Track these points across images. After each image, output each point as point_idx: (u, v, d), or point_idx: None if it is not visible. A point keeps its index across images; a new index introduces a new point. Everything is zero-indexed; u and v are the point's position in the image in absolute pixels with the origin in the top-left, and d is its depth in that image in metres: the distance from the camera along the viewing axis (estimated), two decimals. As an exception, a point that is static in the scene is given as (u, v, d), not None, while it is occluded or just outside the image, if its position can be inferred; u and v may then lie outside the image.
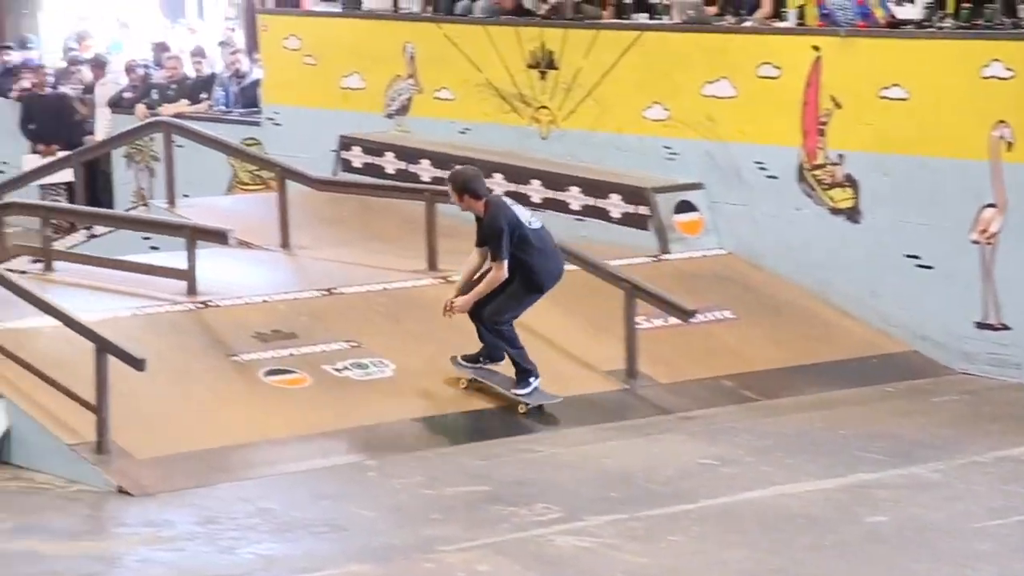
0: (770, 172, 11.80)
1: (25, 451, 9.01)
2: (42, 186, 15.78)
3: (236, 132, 14.83)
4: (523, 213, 9.75)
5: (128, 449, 8.76)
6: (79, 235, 12.93)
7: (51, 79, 17.03)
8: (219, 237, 10.81)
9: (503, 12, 13.53)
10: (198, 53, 16.50)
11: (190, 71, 16.42)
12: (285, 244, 12.09)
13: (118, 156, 16.05)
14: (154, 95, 16.30)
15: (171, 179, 13.16)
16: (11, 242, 11.88)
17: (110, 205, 15.82)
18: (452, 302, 9.68)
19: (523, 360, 9.75)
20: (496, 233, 9.52)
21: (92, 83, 16.88)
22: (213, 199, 14.19)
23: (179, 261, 10.69)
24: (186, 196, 13.48)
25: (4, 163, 17.13)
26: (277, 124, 14.92)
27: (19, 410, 9.01)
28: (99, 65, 16.84)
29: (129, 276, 10.84)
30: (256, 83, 15.65)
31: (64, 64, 17.56)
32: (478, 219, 9.69)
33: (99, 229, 12.74)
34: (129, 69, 16.81)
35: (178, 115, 15.21)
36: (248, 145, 14.59)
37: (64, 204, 14.99)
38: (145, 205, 14.74)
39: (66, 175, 15.05)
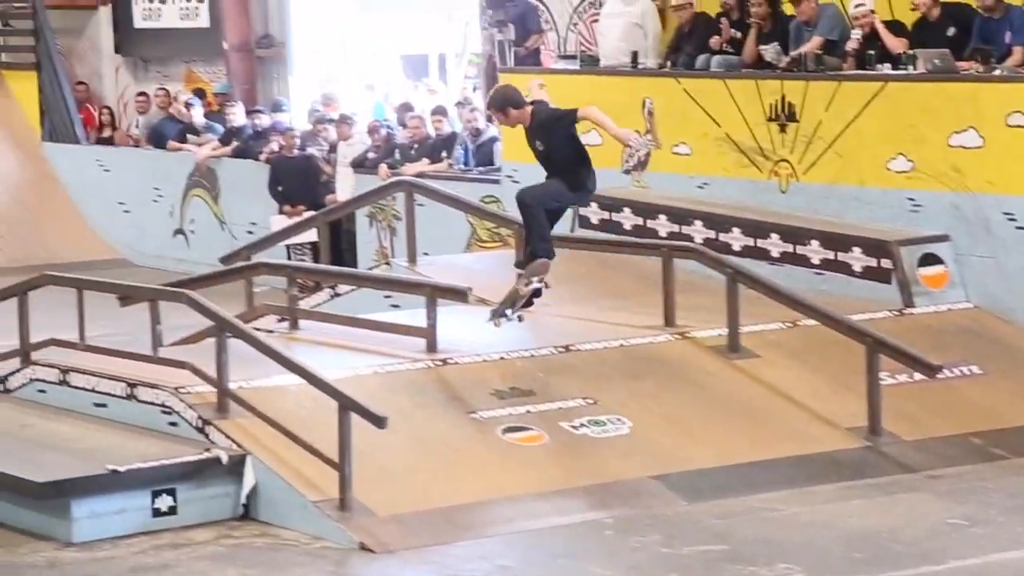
0: (1020, 224, 11.48)
1: (271, 508, 9.18)
2: (288, 246, 16.15)
3: (475, 190, 14.98)
4: None
5: (370, 506, 8.86)
6: (323, 294, 13.15)
7: (298, 141, 17.44)
8: (459, 295, 10.91)
9: (743, 66, 13.45)
10: (439, 112, 16.74)
11: (431, 131, 16.65)
12: (523, 301, 12.12)
13: (361, 215, 16.34)
14: (396, 155, 16.57)
15: (412, 238, 13.33)
16: (259, 301, 12.15)
17: (353, 264, 16.10)
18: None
19: (544, 241, 10.25)
20: (551, 111, 10.14)
21: (336, 143, 17.23)
22: (452, 257, 14.34)
23: (419, 319, 10.80)
24: (426, 254, 13.65)
25: (253, 224, 17.58)
26: (516, 181, 15.01)
27: (265, 467, 9.19)
28: (345, 125, 17.19)
29: (371, 334, 10.99)
30: (493, 141, 15.80)
31: (310, 126, 17.97)
32: (531, 127, 10.16)
33: (342, 288, 12.95)
34: (372, 130, 17.12)
35: (419, 174, 15.43)
36: (487, 203, 14.73)
37: (309, 264, 15.30)
38: (387, 264, 14.95)
39: (311, 235, 15.37)
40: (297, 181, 17.15)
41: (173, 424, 9.71)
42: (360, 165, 16.81)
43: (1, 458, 9.41)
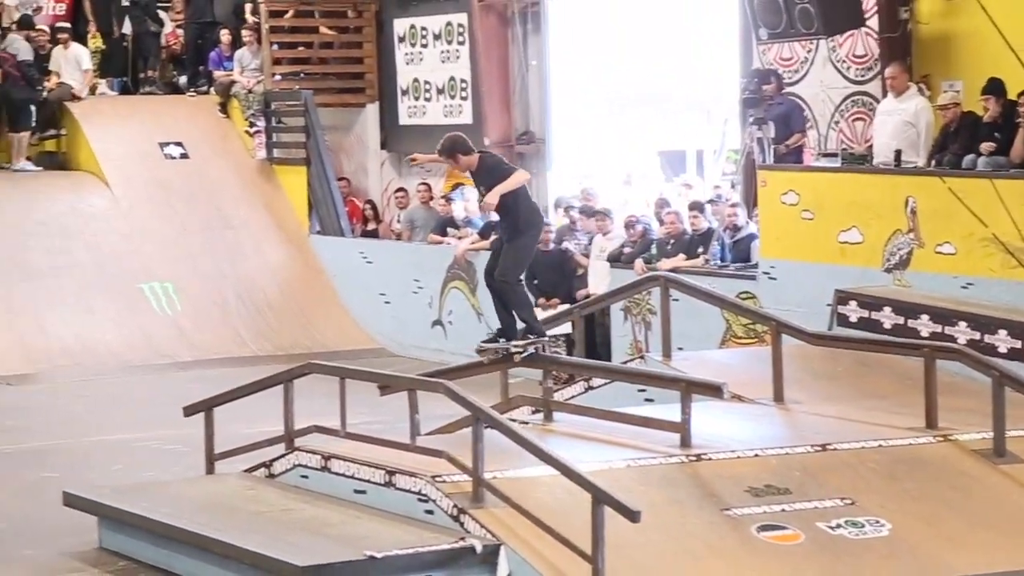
0: None
1: (523, 598, 9.21)
2: (544, 338, 16.27)
3: (731, 286, 14.92)
4: None
5: (621, 600, 8.82)
6: (577, 386, 13.20)
7: (554, 235, 17.60)
8: (714, 391, 10.84)
9: (1012, 166, 13.20)
10: (696, 208, 16.76)
11: (687, 226, 16.66)
12: (779, 398, 12.01)
13: (616, 309, 16.40)
14: (653, 250, 16.62)
15: (667, 333, 13.31)
16: (514, 392, 12.25)
17: (607, 357, 16.15)
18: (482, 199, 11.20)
19: (534, 321, 11.43)
20: (495, 164, 11.21)
21: (592, 237, 17.35)
22: (707, 352, 14.27)
23: (673, 414, 10.76)
24: (680, 349, 13.62)
25: (509, 316, 17.77)
26: (772, 278, 14.94)
27: (519, 557, 9.22)
28: (603, 219, 17.31)
29: (624, 428, 10.98)
30: (751, 237, 15.74)
31: (566, 221, 18.13)
32: (476, 172, 11.19)
33: (596, 381, 12.99)
34: (629, 225, 17.21)
35: (674, 269, 15.44)
36: (743, 299, 14.65)
37: (564, 356, 15.38)
38: (641, 358, 14.94)
39: (566, 327, 15.46)
40: (552, 274, 17.31)
41: (429, 512, 9.82)
42: (616, 259, 16.90)
43: (264, 541, 9.62)
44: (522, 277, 11.61)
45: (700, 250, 16.25)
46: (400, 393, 11.02)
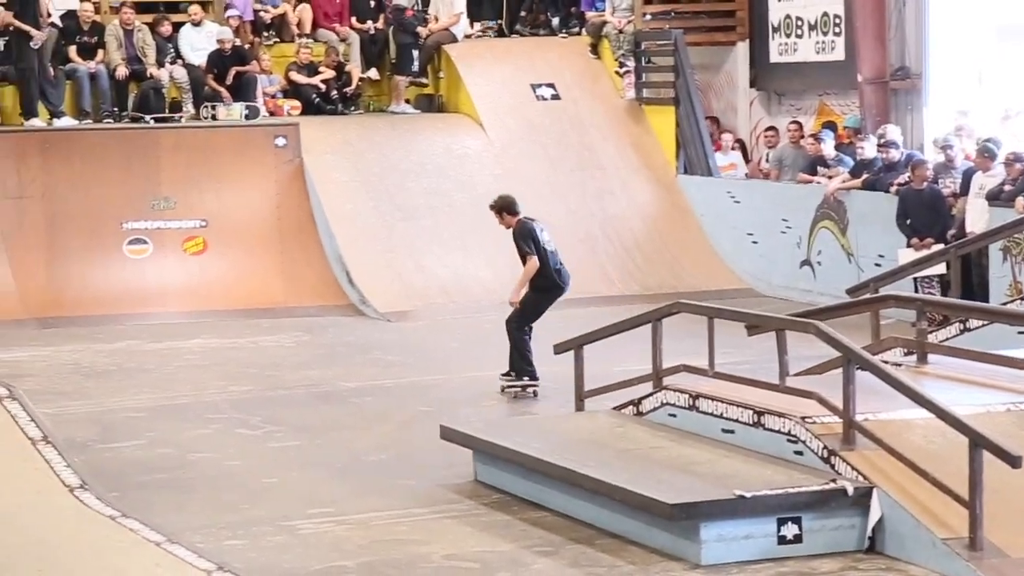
0: None
1: (897, 542, 9.05)
2: (916, 279, 15.91)
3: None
4: (544, 236, 13.73)
5: (1001, 547, 8.59)
6: (952, 328, 12.87)
7: (930, 174, 17.15)
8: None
9: None
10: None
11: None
12: None
13: (994, 249, 15.89)
14: (1034, 187, 16.02)
15: (1049, 273, 12.86)
16: (885, 334, 12.02)
17: (984, 299, 15.68)
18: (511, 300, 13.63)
19: (527, 364, 13.65)
20: (523, 237, 13.59)
21: (970, 176, 16.84)
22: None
23: (1055, 357, 10.40)
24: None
25: (880, 256, 17.43)
26: None
27: (892, 501, 9.07)
28: (985, 157, 16.77)
29: (1003, 370, 10.66)
30: None
31: (942, 159, 17.64)
32: (513, 234, 13.67)
33: (973, 323, 12.64)
34: (1009, 162, 16.62)
35: (1056, 208, 14.86)
36: None
37: (940, 297, 15.02)
38: (1021, 299, 14.47)
39: (940, 268, 15.07)
40: (926, 214, 16.88)
41: (799, 453, 9.74)
42: (995, 198, 16.36)
43: (633, 478, 9.71)
44: (527, 328, 13.72)
45: (1086, 188, 15.60)
46: (768, 334, 10.93)
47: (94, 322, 18.02)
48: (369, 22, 22.30)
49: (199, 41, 20.99)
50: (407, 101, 21.93)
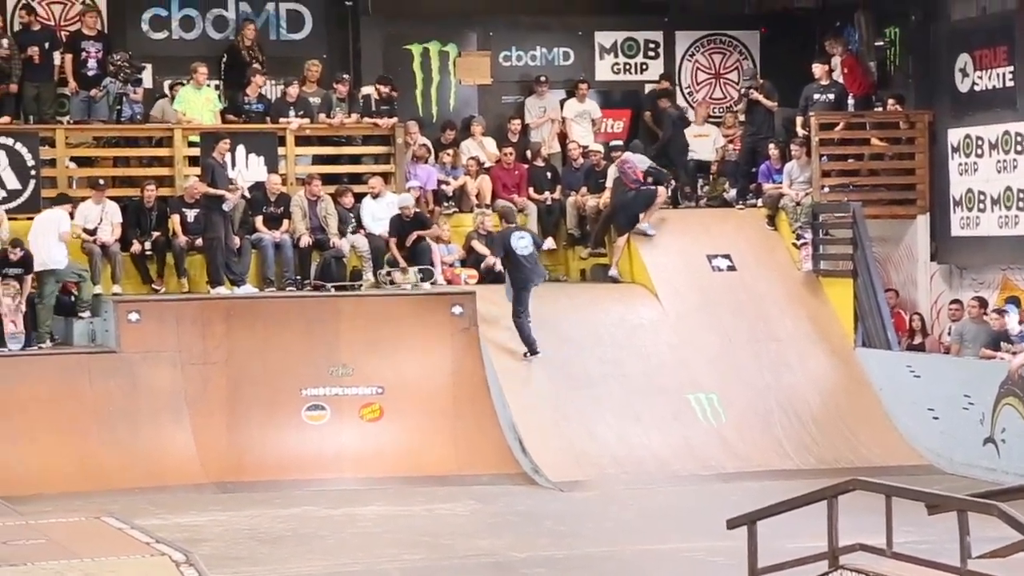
0: None
1: None
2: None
3: None
4: (518, 242, 19.49)
5: None
6: None
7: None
8: None
9: None
10: None
11: None
12: None
13: None
14: None
15: None
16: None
17: None
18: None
19: (526, 338, 19.35)
20: (494, 241, 19.17)
21: None
22: None
23: None
24: None
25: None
26: None
27: None
28: None
29: None
30: None
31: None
32: None
33: None
34: None
35: None
36: None
37: None
38: None
39: None
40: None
41: (979, 639, 9.45)
42: None
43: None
44: (521, 311, 19.48)
45: None
46: (950, 513, 10.67)
47: (272, 487, 18.23)
48: (546, 192, 22.59)
49: (380, 211, 21.40)
50: (581, 271, 22.15)
